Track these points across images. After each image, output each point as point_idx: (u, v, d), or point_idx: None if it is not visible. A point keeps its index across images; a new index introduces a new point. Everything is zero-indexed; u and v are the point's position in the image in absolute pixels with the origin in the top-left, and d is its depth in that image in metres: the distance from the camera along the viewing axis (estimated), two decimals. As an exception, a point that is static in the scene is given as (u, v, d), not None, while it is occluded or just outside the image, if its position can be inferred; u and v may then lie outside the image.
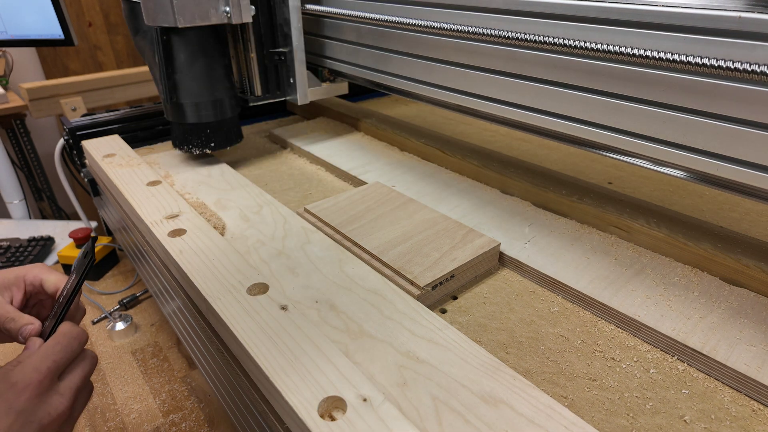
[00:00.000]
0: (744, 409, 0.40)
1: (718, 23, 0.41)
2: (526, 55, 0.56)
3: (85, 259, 0.46)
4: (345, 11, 0.76)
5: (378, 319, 0.46)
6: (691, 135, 0.45)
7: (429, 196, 0.69)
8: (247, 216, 0.65)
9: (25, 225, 1.40)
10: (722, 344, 0.43)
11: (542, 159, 0.83)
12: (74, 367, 0.41)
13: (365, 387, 0.36)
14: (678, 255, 0.55)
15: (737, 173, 0.43)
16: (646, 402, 0.40)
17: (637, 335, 0.47)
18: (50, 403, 0.37)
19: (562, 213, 0.64)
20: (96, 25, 2.11)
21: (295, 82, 0.84)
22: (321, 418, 0.34)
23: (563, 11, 0.51)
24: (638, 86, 0.47)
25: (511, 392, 0.38)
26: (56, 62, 2.09)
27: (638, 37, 0.46)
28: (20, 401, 0.36)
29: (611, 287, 0.50)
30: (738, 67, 0.38)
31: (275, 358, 0.39)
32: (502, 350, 0.45)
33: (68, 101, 1.50)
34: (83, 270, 0.45)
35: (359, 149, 0.86)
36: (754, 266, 0.50)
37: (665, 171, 0.51)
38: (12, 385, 0.36)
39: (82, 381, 0.40)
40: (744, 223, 0.64)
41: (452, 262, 0.52)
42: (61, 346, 0.39)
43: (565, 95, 0.54)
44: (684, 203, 0.69)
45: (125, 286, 0.91)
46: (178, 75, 0.76)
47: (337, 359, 0.39)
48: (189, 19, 0.70)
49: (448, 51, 0.66)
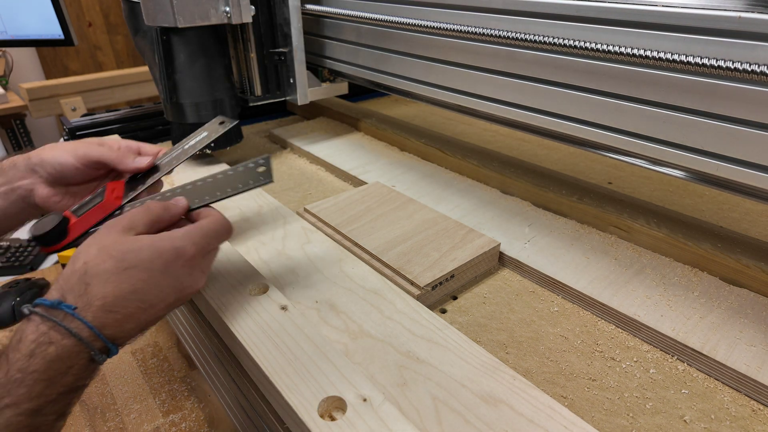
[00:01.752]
0: (744, 409, 0.40)
1: (717, 23, 0.41)
2: (526, 55, 0.56)
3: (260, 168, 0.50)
4: (345, 11, 0.76)
5: (378, 319, 0.46)
6: (690, 135, 0.45)
7: (429, 196, 0.69)
8: (247, 216, 0.65)
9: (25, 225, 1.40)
10: (722, 344, 0.43)
11: (542, 159, 0.83)
12: (215, 251, 0.43)
13: (365, 387, 0.36)
14: (678, 255, 0.55)
15: (737, 173, 0.44)
16: (646, 402, 0.40)
17: (637, 335, 0.47)
18: (194, 277, 0.40)
19: (562, 213, 0.64)
20: (96, 25, 2.11)
21: (295, 82, 0.84)
22: (321, 418, 0.34)
23: (563, 11, 0.51)
24: (638, 86, 0.47)
25: (511, 392, 0.38)
26: (56, 62, 2.09)
27: (638, 37, 0.46)
28: (176, 266, 0.38)
29: (611, 287, 0.50)
30: (738, 67, 0.38)
31: (275, 358, 0.39)
32: (502, 350, 0.45)
33: (68, 101, 1.50)
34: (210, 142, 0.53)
35: (359, 149, 0.86)
36: (754, 266, 0.50)
37: (665, 171, 0.51)
38: (175, 249, 0.38)
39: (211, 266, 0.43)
40: (744, 223, 0.64)
41: (452, 262, 0.52)
42: (216, 232, 0.41)
43: (565, 95, 0.54)
44: (684, 203, 0.69)
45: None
46: (178, 75, 0.76)
47: (337, 359, 0.39)
48: (189, 19, 0.70)
49: (448, 51, 0.66)
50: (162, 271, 0.37)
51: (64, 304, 0.34)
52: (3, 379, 0.32)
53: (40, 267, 1.15)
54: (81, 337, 0.33)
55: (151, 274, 0.37)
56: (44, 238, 0.43)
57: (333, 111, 1.02)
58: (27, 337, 0.33)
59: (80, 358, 0.34)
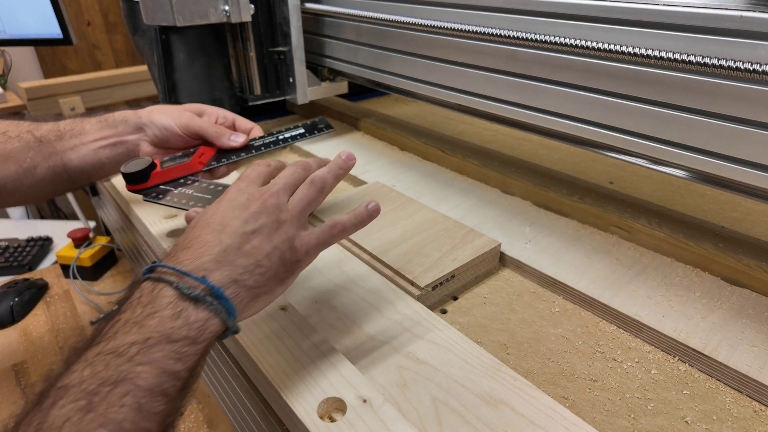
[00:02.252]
0: (745, 410, 0.39)
1: (719, 22, 0.41)
2: (527, 54, 0.56)
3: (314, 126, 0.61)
4: (345, 10, 0.76)
5: (378, 319, 0.46)
6: (692, 134, 0.45)
7: (429, 196, 0.69)
8: (247, 216, 0.65)
9: (24, 225, 1.40)
10: (724, 345, 0.43)
11: (543, 159, 0.83)
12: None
13: (365, 388, 0.36)
14: (679, 255, 0.54)
15: (739, 173, 0.43)
16: (647, 403, 0.40)
17: (639, 336, 0.46)
18: (304, 262, 0.37)
19: (563, 213, 0.64)
20: (95, 25, 2.10)
21: (294, 81, 0.84)
22: (321, 420, 0.34)
23: (564, 10, 0.51)
24: (640, 85, 0.47)
25: (511, 393, 0.38)
26: (55, 61, 2.08)
27: (639, 36, 0.45)
28: (298, 254, 0.36)
29: (612, 287, 0.50)
30: (740, 66, 0.38)
31: (275, 359, 0.39)
32: (503, 351, 0.45)
33: (67, 101, 1.49)
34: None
35: (359, 149, 0.86)
36: (756, 266, 0.49)
37: (667, 171, 0.51)
38: (296, 245, 0.36)
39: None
40: (746, 223, 0.64)
41: (453, 262, 0.52)
42: (337, 236, 0.39)
43: (566, 94, 0.54)
44: (685, 203, 0.69)
45: (124, 286, 0.91)
46: (177, 74, 0.76)
47: (336, 360, 0.39)
48: (188, 18, 0.70)
49: (449, 50, 0.65)
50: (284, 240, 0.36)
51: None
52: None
53: (38, 267, 1.15)
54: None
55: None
56: (131, 176, 0.51)
57: (333, 110, 1.02)
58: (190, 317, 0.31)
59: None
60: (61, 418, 0.25)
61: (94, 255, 0.91)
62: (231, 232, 0.34)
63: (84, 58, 2.13)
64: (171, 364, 0.28)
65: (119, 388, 0.26)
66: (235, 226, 0.34)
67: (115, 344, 0.28)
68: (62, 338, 0.79)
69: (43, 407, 0.26)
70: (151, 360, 0.28)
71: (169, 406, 0.28)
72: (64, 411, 0.25)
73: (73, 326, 0.82)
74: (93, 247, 0.91)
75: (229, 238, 0.34)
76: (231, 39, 0.84)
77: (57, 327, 0.82)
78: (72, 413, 0.25)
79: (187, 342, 0.29)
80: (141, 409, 0.26)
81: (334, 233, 0.38)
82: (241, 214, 0.35)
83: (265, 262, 0.34)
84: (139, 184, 0.52)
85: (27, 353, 0.76)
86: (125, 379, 0.27)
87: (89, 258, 0.90)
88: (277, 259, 0.35)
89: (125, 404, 0.26)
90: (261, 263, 0.34)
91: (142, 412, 0.26)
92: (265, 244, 0.34)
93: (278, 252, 0.35)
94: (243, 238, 0.34)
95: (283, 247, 0.35)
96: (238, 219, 0.35)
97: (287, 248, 0.35)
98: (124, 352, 0.28)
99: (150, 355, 0.28)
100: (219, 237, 0.34)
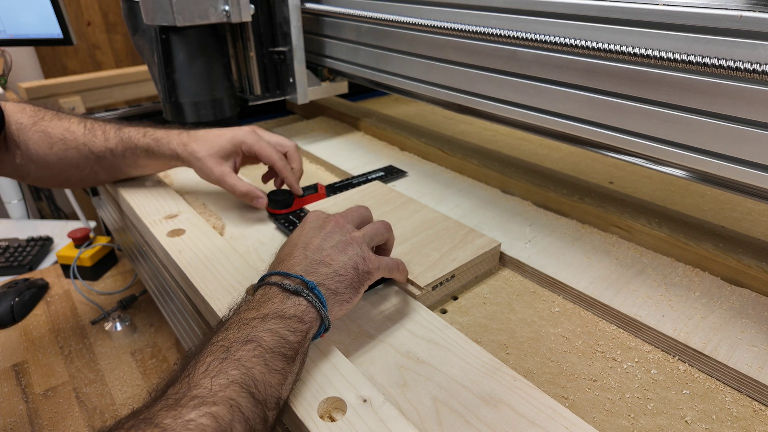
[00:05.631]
0: (745, 410, 0.39)
1: (719, 22, 0.40)
2: (527, 54, 0.56)
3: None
4: (345, 10, 0.76)
5: (378, 319, 0.46)
6: (692, 134, 0.45)
7: (429, 196, 0.69)
8: (247, 216, 0.65)
9: (24, 225, 1.40)
10: (723, 344, 0.43)
11: (543, 158, 0.83)
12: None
13: (365, 388, 0.36)
14: (679, 255, 0.54)
15: (739, 173, 0.43)
16: (647, 402, 0.40)
17: (639, 335, 0.46)
18: (373, 275, 0.43)
19: (563, 213, 0.64)
20: (95, 25, 2.10)
21: (294, 81, 0.84)
22: (321, 419, 0.34)
23: (564, 10, 0.51)
24: (639, 85, 0.47)
25: (511, 393, 0.38)
26: (55, 61, 2.08)
27: (639, 36, 0.45)
28: (361, 283, 0.42)
29: (612, 287, 0.50)
30: (739, 66, 0.38)
31: (275, 359, 0.39)
32: (503, 351, 0.45)
33: (67, 101, 1.49)
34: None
35: (359, 149, 0.86)
36: (756, 266, 0.49)
37: (666, 171, 0.51)
38: (366, 258, 0.42)
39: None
40: (745, 222, 0.64)
41: (453, 262, 0.52)
42: (396, 271, 0.46)
43: (566, 94, 0.54)
44: (685, 203, 0.69)
45: (124, 286, 0.91)
46: (177, 74, 0.76)
47: (336, 360, 0.39)
48: (188, 18, 0.70)
49: (449, 50, 0.65)
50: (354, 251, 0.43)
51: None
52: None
53: (38, 267, 1.15)
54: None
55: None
56: (279, 203, 0.62)
57: (333, 110, 1.02)
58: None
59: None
60: (204, 365, 0.32)
61: (95, 255, 0.91)
62: (314, 248, 0.41)
63: (84, 58, 2.13)
64: (286, 334, 0.35)
65: (249, 344, 0.33)
66: (316, 243, 0.42)
67: (238, 318, 0.36)
68: (62, 338, 0.79)
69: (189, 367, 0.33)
70: (270, 329, 0.35)
71: (287, 368, 0.34)
72: (207, 360, 0.32)
73: (74, 326, 0.82)
74: (93, 247, 0.91)
75: (312, 253, 0.41)
76: (231, 39, 0.84)
77: (57, 327, 0.82)
78: (212, 360, 0.32)
79: (296, 320, 0.36)
80: (266, 363, 0.33)
81: (399, 265, 0.46)
82: (319, 233, 0.43)
83: (342, 270, 0.40)
84: (284, 209, 0.63)
85: (27, 353, 0.76)
86: (252, 340, 0.34)
87: (89, 258, 0.90)
88: (352, 269, 0.41)
89: (255, 356, 0.33)
90: (339, 272, 0.40)
91: (267, 365, 0.33)
92: (341, 255, 0.41)
93: (352, 262, 0.41)
94: (323, 252, 0.41)
95: (357, 258, 0.42)
96: (317, 237, 0.42)
97: (360, 259, 0.42)
98: (248, 323, 0.35)
99: (268, 326, 0.35)
100: (305, 252, 0.41)
